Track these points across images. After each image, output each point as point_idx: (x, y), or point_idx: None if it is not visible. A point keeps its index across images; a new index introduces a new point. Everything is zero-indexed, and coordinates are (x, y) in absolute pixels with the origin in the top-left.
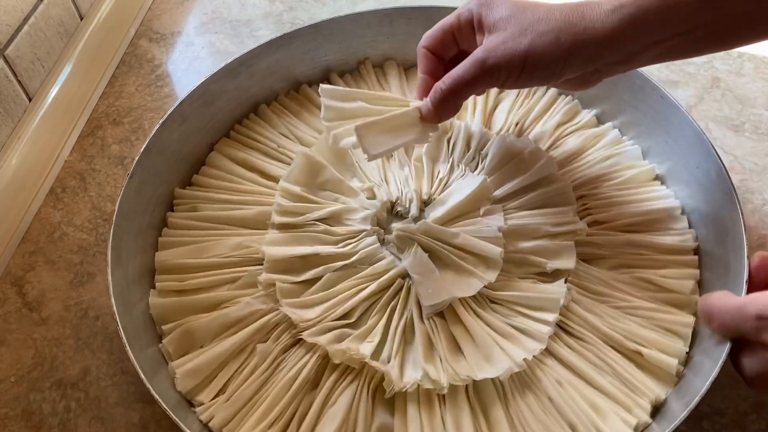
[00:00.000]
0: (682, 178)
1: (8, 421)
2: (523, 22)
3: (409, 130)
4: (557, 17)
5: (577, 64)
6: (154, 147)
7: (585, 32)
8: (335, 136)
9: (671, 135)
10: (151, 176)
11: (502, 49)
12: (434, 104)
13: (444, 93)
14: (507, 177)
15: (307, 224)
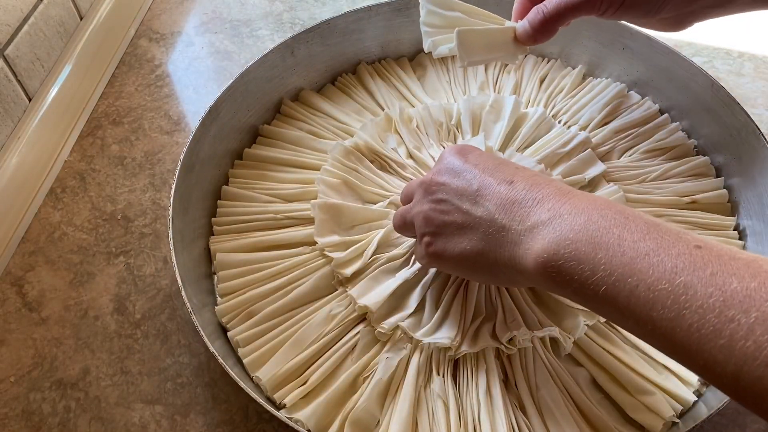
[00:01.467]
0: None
1: (8, 421)
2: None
3: (502, 48)
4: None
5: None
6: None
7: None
8: (434, 42)
9: None
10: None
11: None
12: (533, 25)
13: (545, 16)
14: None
15: (371, 262)
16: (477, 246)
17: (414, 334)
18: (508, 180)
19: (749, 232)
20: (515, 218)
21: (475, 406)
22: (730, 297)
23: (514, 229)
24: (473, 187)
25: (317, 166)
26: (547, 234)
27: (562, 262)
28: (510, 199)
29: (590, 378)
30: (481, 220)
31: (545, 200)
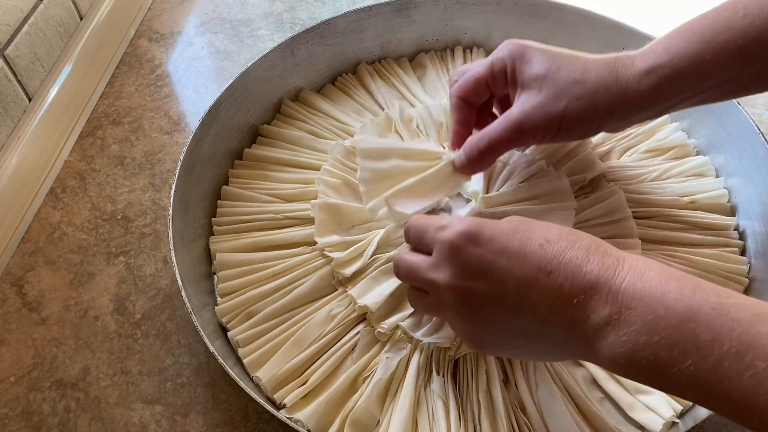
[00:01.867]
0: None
1: (8, 421)
2: (557, 83)
3: (441, 187)
4: (592, 79)
5: (611, 124)
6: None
7: (619, 95)
8: (371, 208)
9: None
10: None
11: (538, 112)
12: (469, 159)
13: (480, 150)
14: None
15: (371, 262)
16: (536, 347)
17: (414, 334)
18: (544, 269)
19: (749, 232)
20: (573, 318)
21: (475, 406)
22: None
23: (576, 330)
24: (511, 289)
25: (317, 166)
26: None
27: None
28: (557, 297)
29: (590, 378)
30: (534, 325)
31: (597, 288)
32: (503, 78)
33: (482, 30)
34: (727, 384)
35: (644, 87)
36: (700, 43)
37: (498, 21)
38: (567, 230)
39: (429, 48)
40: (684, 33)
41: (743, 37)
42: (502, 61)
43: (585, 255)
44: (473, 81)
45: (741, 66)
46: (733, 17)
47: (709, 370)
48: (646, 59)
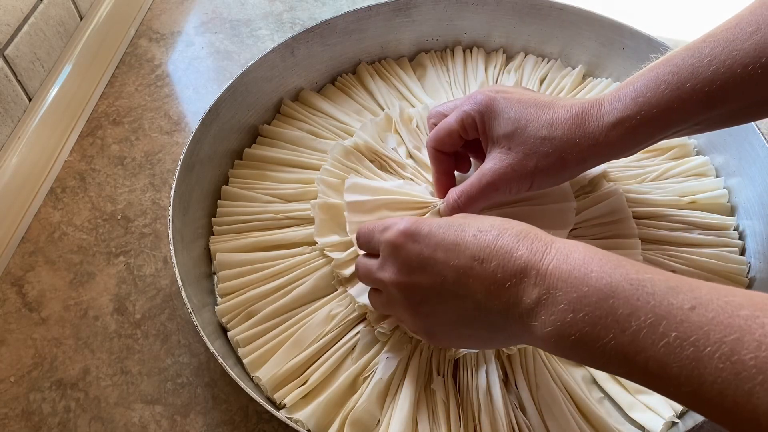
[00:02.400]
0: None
1: (8, 421)
2: (526, 141)
3: None
4: (559, 135)
5: (583, 170)
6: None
7: (588, 148)
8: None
9: None
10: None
11: (509, 172)
12: (452, 212)
13: (461, 207)
14: None
15: None
16: (481, 333)
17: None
18: (477, 258)
19: (749, 232)
20: (508, 301)
21: (475, 406)
22: (742, 368)
23: (511, 313)
24: (450, 279)
25: (317, 166)
26: (546, 317)
27: (571, 344)
28: (492, 281)
29: (590, 378)
30: (475, 312)
31: (526, 271)
32: (474, 130)
33: (482, 30)
34: (643, 355)
35: (612, 139)
36: (667, 92)
37: (498, 21)
38: (501, 220)
39: (429, 48)
40: (651, 80)
41: (709, 85)
42: (471, 117)
43: (515, 241)
44: (446, 133)
45: (707, 110)
46: (698, 64)
47: (628, 343)
48: (614, 110)
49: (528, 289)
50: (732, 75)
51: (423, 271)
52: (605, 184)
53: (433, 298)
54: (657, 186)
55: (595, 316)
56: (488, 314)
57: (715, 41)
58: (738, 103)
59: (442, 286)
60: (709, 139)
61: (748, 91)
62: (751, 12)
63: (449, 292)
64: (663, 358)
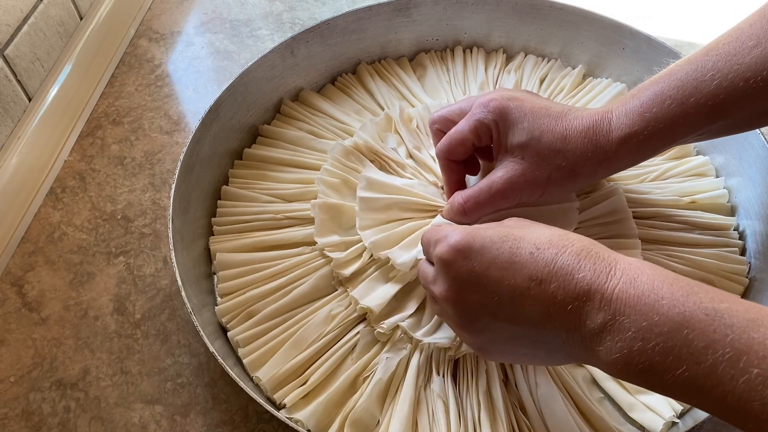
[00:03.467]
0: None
1: (8, 421)
2: (541, 152)
3: None
4: (573, 148)
5: (587, 184)
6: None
7: (599, 162)
8: (373, 244)
9: None
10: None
11: (522, 182)
12: (456, 219)
13: (467, 212)
14: None
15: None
16: (537, 353)
17: (414, 334)
18: (535, 278)
19: (749, 232)
20: (569, 325)
21: (475, 406)
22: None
23: (573, 336)
24: (505, 299)
25: (317, 166)
26: (612, 344)
27: (638, 372)
28: (551, 304)
29: (590, 378)
30: (531, 333)
31: (589, 294)
32: (488, 138)
33: (482, 30)
34: (721, 389)
35: (621, 154)
36: (672, 107)
37: (498, 21)
38: (558, 235)
39: (429, 48)
40: (656, 96)
41: (713, 99)
42: (485, 126)
43: (576, 261)
44: (458, 143)
45: (711, 123)
46: (702, 78)
47: (703, 375)
48: (622, 126)
49: (591, 314)
50: (734, 89)
51: (475, 290)
52: (605, 184)
53: (486, 317)
54: (657, 186)
55: (668, 346)
56: (545, 336)
57: (717, 55)
58: (740, 114)
59: (496, 305)
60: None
61: (749, 104)
62: (750, 25)
63: (504, 312)
64: (743, 394)
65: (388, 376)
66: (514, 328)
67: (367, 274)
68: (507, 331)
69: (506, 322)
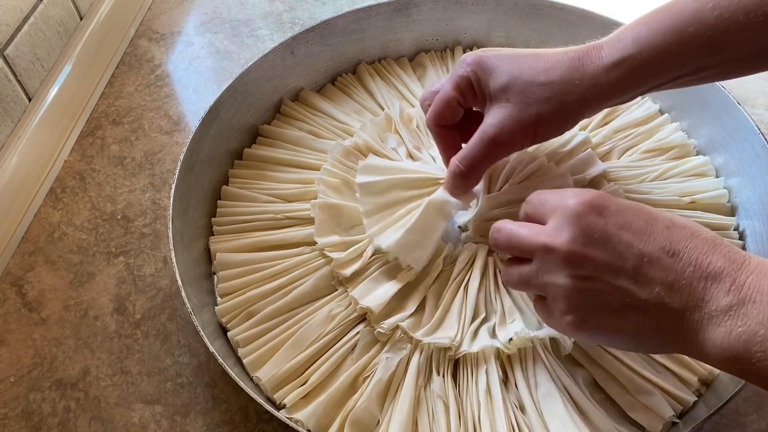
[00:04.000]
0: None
1: (8, 421)
2: (524, 90)
3: (438, 220)
4: (557, 78)
5: (585, 116)
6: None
7: (589, 89)
8: (376, 241)
9: None
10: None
11: (511, 124)
12: (455, 185)
13: (463, 173)
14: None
15: (371, 262)
16: (643, 330)
17: (414, 334)
18: (668, 250)
19: (749, 232)
20: (689, 303)
21: (475, 406)
22: None
23: (688, 316)
24: (629, 264)
25: (317, 166)
26: (732, 327)
27: (755, 361)
28: (678, 278)
29: (590, 378)
30: (647, 304)
31: (720, 278)
32: (472, 93)
33: (482, 30)
34: None
35: (613, 78)
36: (668, 35)
37: (498, 21)
38: (691, 222)
39: (429, 48)
40: (652, 24)
41: (712, 30)
42: (465, 79)
43: (711, 245)
44: (445, 105)
45: (709, 56)
46: (702, 9)
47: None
48: (614, 51)
49: (719, 295)
50: (735, 21)
51: (602, 247)
52: (605, 184)
53: (604, 278)
54: (657, 186)
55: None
56: (660, 310)
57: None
58: (738, 51)
59: (620, 266)
60: (709, 139)
61: (749, 39)
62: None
63: (626, 276)
64: None
65: (388, 376)
66: (629, 297)
67: (367, 274)
68: (619, 298)
69: (623, 289)
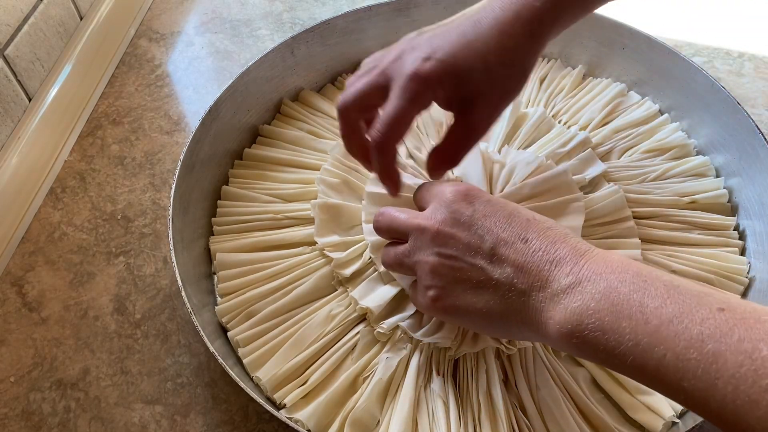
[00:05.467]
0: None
1: (8, 421)
2: (491, 80)
3: None
4: (484, 38)
5: (533, 58)
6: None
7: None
8: (372, 244)
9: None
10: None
11: (494, 113)
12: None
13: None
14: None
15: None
16: (494, 308)
17: (414, 334)
18: (522, 237)
19: (749, 232)
20: (535, 284)
21: (475, 406)
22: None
23: (534, 296)
24: (487, 245)
25: (317, 166)
26: (569, 303)
27: (587, 332)
28: (527, 261)
29: (590, 378)
30: (498, 283)
31: (563, 262)
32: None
33: None
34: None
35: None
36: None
37: None
38: (552, 220)
39: None
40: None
41: None
42: (427, 97)
43: (562, 237)
44: (403, 123)
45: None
46: None
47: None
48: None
49: (559, 276)
50: None
51: (467, 229)
52: (605, 184)
53: (465, 257)
54: (657, 186)
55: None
56: (509, 290)
57: None
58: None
59: (479, 247)
60: (709, 139)
61: None
62: None
63: (482, 256)
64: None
65: (388, 376)
66: (484, 274)
67: (368, 274)
68: (475, 275)
69: (479, 267)
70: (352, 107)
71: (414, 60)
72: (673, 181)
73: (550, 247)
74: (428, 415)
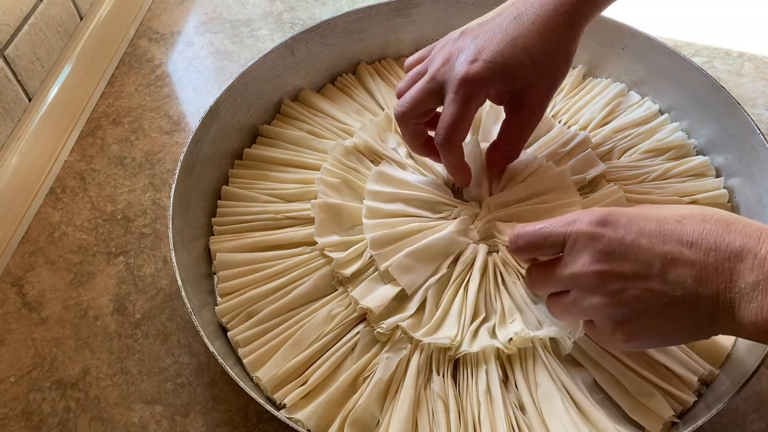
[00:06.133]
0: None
1: (8, 421)
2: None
3: (439, 257)
4: (499, 35)
5: (572, 47)
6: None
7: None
8: (372, 240)
9: None
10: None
11: (536, 106)
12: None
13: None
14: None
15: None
16: (686, 323)
17: (414, 334)
18: (686, 242)
19: None
20: (719, 285)
21: (475, 406)
22: None
23: (722, 299)
24: (656, 267)
25: (317, 166)
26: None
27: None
28: (704, 266)
29: (590, 378)
30: (683, 299)
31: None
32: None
33: None
34: None
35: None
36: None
37: None
38: (698, 208)
39: None
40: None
41: None
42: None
43: (725, 226)
44: (463, 128)
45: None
46: None
47: None
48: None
49: (744, 274)
50: None
51: (626, 259)
52: (605, 184)
53: (637, 287)
54: (657, 186)
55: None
56: (696, 302)
57: None
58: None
59: (648, 272)
60: (709, 139)
61: None
62: None
63: (656, 279)
64: None
65: (388, 376)
66: (665, 296)
67: (368, 274)
68: (657, 301)
69: (657, 291)
70: (409, 115)
71: (462, 63)
72: (673, 181)
73: (720, 241)
74: (428, 415)
